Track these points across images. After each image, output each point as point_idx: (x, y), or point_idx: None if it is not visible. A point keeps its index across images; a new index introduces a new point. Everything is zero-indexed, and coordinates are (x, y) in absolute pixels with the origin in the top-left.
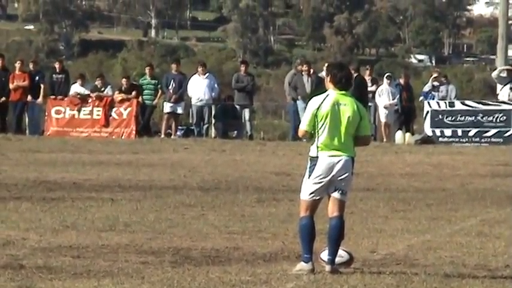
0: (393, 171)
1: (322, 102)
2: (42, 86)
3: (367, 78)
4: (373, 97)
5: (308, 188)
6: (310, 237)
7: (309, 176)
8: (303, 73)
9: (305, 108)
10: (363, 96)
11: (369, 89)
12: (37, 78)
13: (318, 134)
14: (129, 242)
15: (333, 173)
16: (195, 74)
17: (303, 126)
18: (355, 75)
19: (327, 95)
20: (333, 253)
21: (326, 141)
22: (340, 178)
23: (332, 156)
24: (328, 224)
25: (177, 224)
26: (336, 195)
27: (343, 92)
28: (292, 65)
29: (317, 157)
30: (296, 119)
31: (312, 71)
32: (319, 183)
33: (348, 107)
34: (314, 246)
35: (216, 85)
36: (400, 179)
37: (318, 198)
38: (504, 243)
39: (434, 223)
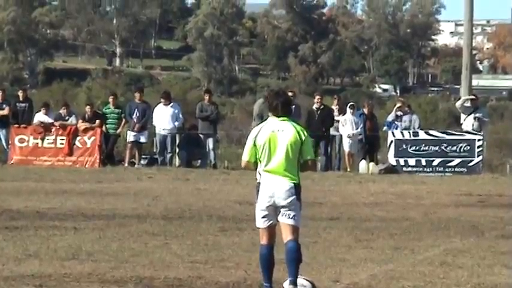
0: (357, 201)
1: (259, 131)
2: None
3: (335, 107)
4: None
5: (258, 214)
6: (268, 265)
7: (257, 201)
8: None
9: None
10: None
11: (336, 118)
12: (4, 106)
13: (260, 161)
14: (92, 270)
15: (276, 199)
16: (159, 103)
17: (245, 157)
18: (321, 106)
19: (266, 123)
20: (294, 274)
21: (268, 168)
22: (284, 204)
23: (274, 182)
24: (284, 249)
25: (140, 252)
26: (284, 220)
27: (282, 118)
28: (258, 94)
29: (260, 183)
30: None
31: None
32: (265, 209)
33: (286, 132)
34: (277, 275)
35: (180, 114)
36: (363, 209)
37: (269, 224)
38: (467, 273)
39: (398, 253)
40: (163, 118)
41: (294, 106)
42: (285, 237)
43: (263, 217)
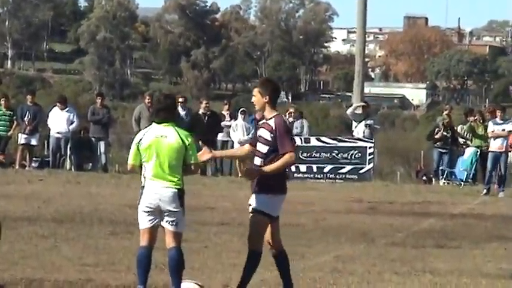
0: (248, 206)
1: (143, 135)
2: None
3: (226, 113)
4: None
5: (140, 215)
6: (144, 267)
7: (139, 204)
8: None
9: None
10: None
11: (227, 123)
12: None
13: (144, 165)
14: None
15: (158, 202)
16: (54, 106)
17: (129, 160)
18: (207, 111)
19: (150, 128)
20: (177, 282)
21: (151, 172)
22: (167, 209)
23: (157, 186)
24: (167, 255)
25: (30, 255)
26: (167, 226)
27: (165, 123)
28: None
29: (143, 186)
30: None
31: None
32: (147, 212)
33: (169, 138)
34: (164, 279)
35: (75, 118)
36: None
37: (152, 224)
38: (357, 279)
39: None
40: (58, 121)
41: (185, 111)
42: (168, 244)
43: (145, 218)
